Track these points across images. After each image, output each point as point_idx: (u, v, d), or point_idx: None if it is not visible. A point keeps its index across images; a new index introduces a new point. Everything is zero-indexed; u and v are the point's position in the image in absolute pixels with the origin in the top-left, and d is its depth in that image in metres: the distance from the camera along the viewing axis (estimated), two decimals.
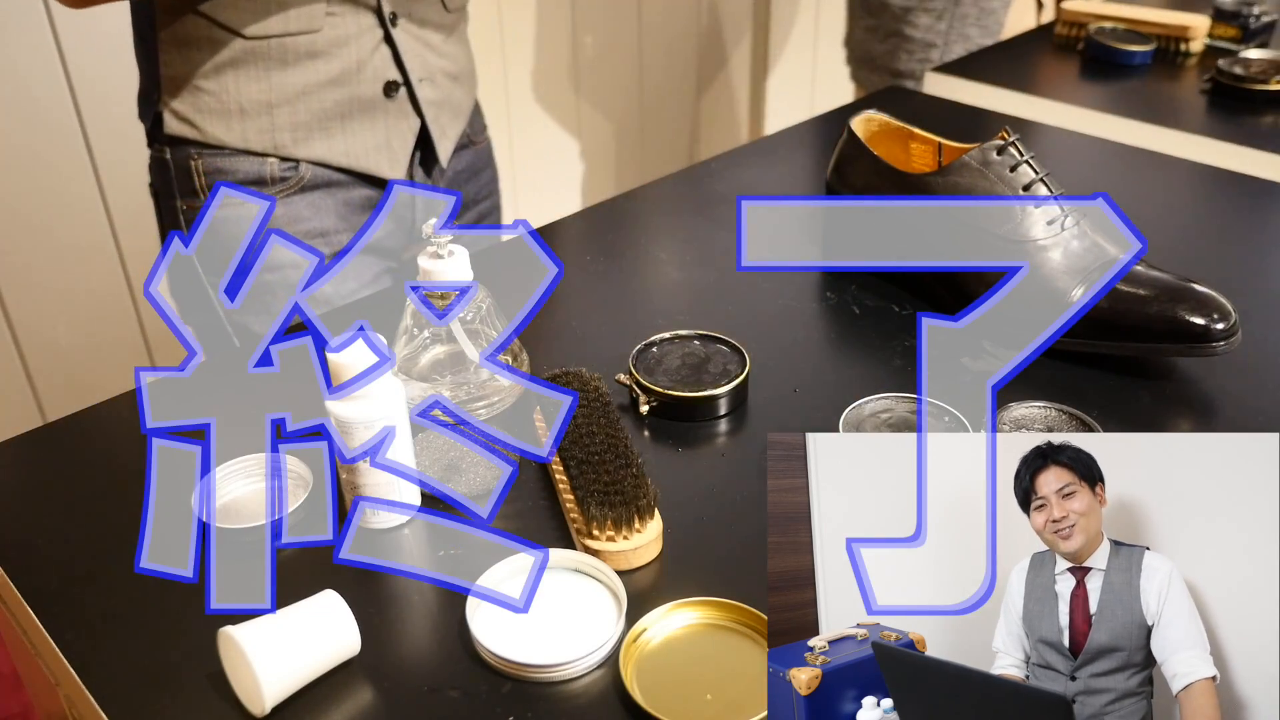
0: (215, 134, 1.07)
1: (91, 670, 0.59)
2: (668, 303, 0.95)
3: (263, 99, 1.06)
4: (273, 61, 1.05)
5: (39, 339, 1.67)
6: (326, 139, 1.09)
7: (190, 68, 1.05)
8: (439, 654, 0.60)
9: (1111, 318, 0.80)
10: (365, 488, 0.67)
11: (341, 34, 1.06)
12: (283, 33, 1.03)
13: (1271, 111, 1.32)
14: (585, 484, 0.66)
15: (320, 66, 1.06)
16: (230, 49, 1.04)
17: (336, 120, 1.09)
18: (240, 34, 1.03)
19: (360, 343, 0.65)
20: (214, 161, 1.08)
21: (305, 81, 1.06)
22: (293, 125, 1.08)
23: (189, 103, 1.07)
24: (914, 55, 1.75)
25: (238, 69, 1.05)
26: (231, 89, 1.06)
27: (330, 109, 1.08)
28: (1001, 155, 0.86)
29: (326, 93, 1.07)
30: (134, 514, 0.71)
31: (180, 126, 1.07)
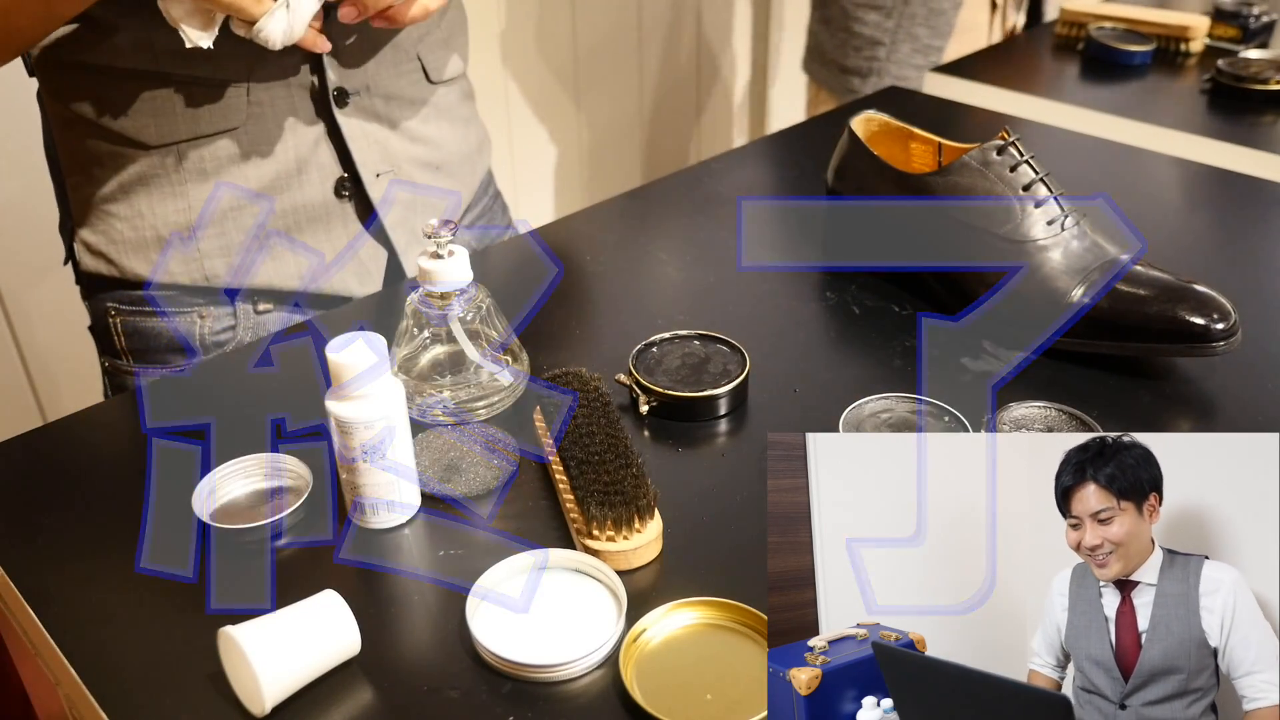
0: (133, 269, 0.88)
1: (91, 670, 0.59)
2: (668, 303, 0.95)
3: (182, 221, 0.86)
4: (188, 173, 0.85)
5: (39, 339, 1.67)
6: (272, 260, 0.89)
7: (97, 189, 0.86)
8: (439, 654, 0.60)
9: (1111, 318, 0.80)
10: (365, 488, 0.67)
11: (270, 127, 0.86)
12: (193, 135, 0.84)
13: (1271, 111, 1.32)
14: (585, 484, 0.66)
15: (248, 172, 0.86)
16: (135, 163, 0.85)
17: (280, 237, 0.89)
18: (142, 144, 0.84)
19: (360, 343, 0.65)
20: (133, 322, 0.89)
21: (232, 194, 0.86)
22: (224, 249, 0.87)
23: (101, 232, 0.87)
24: (861, 52, 1.73)
25: (148, 187, 0.85)
26: (145, 212, 0.86)
27: (269, 224, 0.88)
28: (1001, 155, 0.86)
29: (261, 204, 0.87)
30: (134, 514, 0.71)
31: (94, 262, 0.89)
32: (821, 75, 1.84)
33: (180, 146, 0.84)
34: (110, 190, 0.86)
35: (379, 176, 0.92)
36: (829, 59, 1.80)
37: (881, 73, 1.71)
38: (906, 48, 1.71)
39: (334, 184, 0.90)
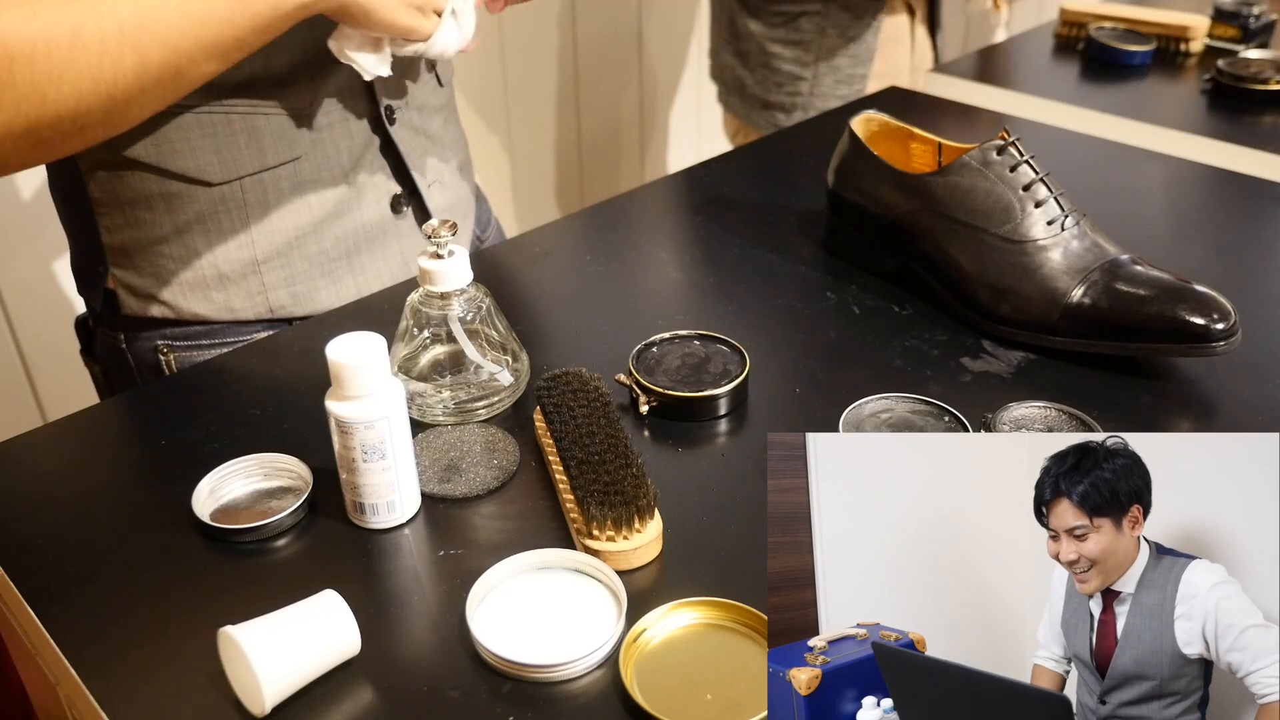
0: (191, 309, 0.85)
1: (91, 670, 0.59)
2: (668, 303, 0.95)
3: (245, 256, 0.85)
4: (251, 207, 0.83)
5: (39, 339, 1.67)
6: (333, 284, 0.89)
7: (144, 232, 0.83)
8: (439, 654, 0.60)
9: (1111, 318, 0.80)
10: (365, 488, 0.67)
11: (329, 152, 0.85)
12: (258, 169, 0.83)
13: (1271, 111, 1.32)
14: (585, 484, 0.66)
15: (311, 200, 0.86)
16: (194, 202, 0.82)
17: (342, 260, 0.89)
18: (204, 182, 0.82)
19: (360, 343, 0.65)
20: (189, 356, 0.87)
21: (296, 223, 0.86)
22: (288, 279, 0.87)
23: (150, 275, 0.84)
24: (783, 88, 1.69)
25: (206, 225, 0.83)
26: (203, 252, 0.83)
27: (331, 249, 0.88)
28: (1001, 155, 0.86)
29: (324, 230, 0.87)
30: (134, 514, 0.71)
31: (141, 305, 0.85)
32: (741, 110, 1.78)
33: (244, 181, 0.83)
34: (163, 231, 0.83)
35: (430, 186, 0.94)
36: (749, 94, 1.75)
37: (806, 106, 1.67)
38: (829, 79, 1.67)
39: (389, 201, 0.91)
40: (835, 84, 1.66)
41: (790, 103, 1.69)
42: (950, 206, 0.87)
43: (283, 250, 0.86)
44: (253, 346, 0.91)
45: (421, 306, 0.76)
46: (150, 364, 0.89)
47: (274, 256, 0.86)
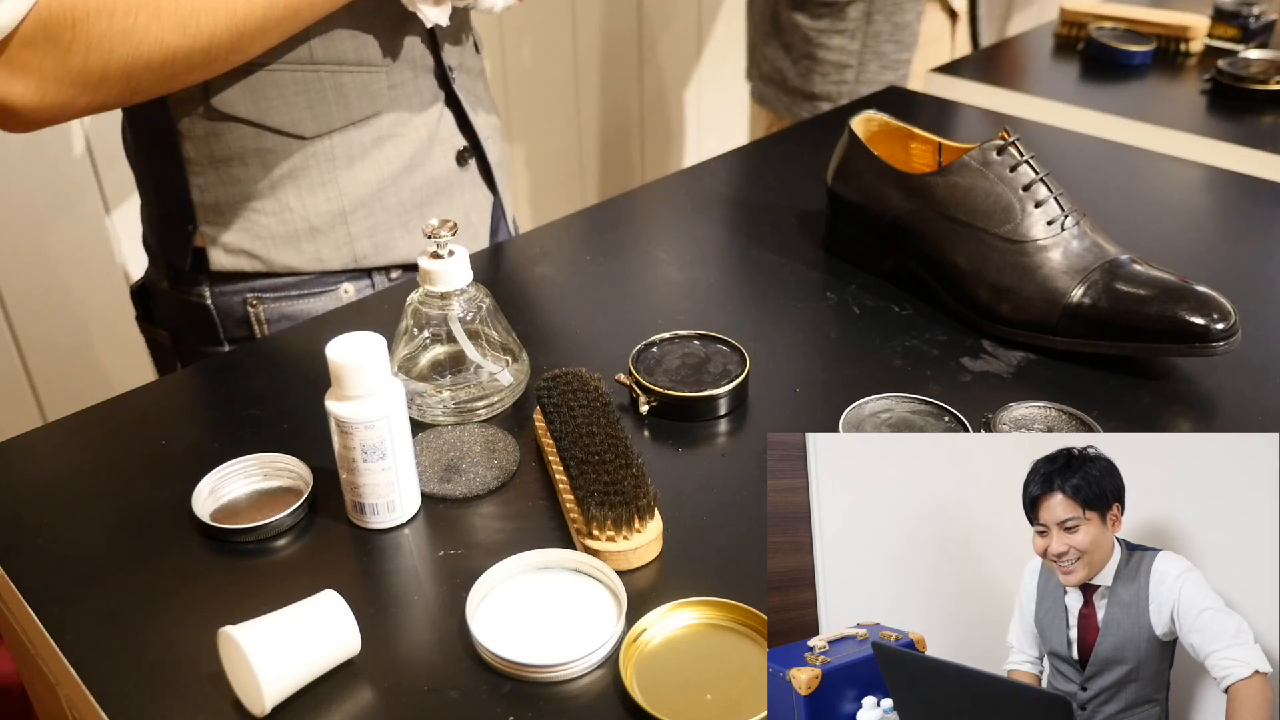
0: (283, 262, 0.91)
1: (91, 670, 0.59)
2: (668, 303, 0.95)
3: (333, 208, 0.91)
4: (338, 160, 0.89)
5: (39, 339, 1.67)
6: (408, 235, 0.95)
7: (238, 188, 0.89)
8: (439, 654, 0.60)
9: (1111, 318, 0.80)
10: (365, 488, 0.67)
11: (404, 108, 0.92)
12: (346, 123, 0.89)
13: (1271, 111, 1.32)
14: (585, 484, 0.66)
15: (390, 152, 0.92)
16: (287, 156, 0.88)
17: (415, 210, 0.95)
18: (299, 136, 0.88)
19: (360, 343, 0.65)
20: (278, 307, 0.92)
21: (378, 175, 0.92)
22: (371, 230, 0.93)
23: (243, 230, 0.89)
24: (828, 77, 1.69)
25: (299, 179, 0.89)
26: (295, 204, 0.89)
27: (407, 200, 0.94)
28: (1001, 155, 0.86)
29: (402, 182, 0.93)
30: (134, 514, 0.71)
31: (234, 260, 0.90)
32: (782, 104, 1.78)
33: (333, 136, 0.89)
34: (257, 186, 0.89)
35: (487, 140, 1.01)
36: (791, 87, 1.75)
37: (852, 94, 1.68)
38: (875, 65, 1.68)
39: (455, 154, 0.98)
40: (881, 70, 1.67)
41: (836, 91, 1.70)
42: (950, 206, 0.87)
43: (366, 201, 0.92)
44: (252, 346, 0.91)
45: (421, 306, 0.76)
46: (238, 317, 0.93)
47: (359, 207, 0.92)
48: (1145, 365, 0.82)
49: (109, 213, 1.67)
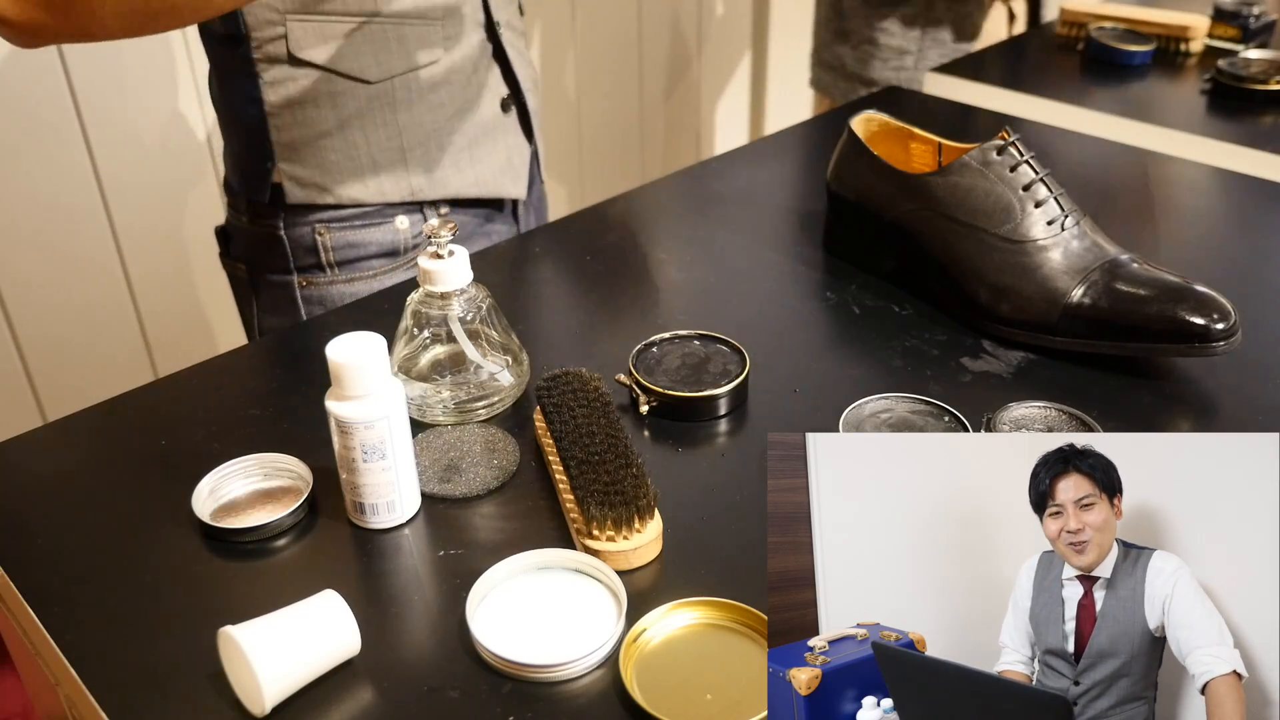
0: (349, 194, 1.02)
1: (91, 670, 0.59)
2: (668, 303, 0.95)
3: (394, 145, 1.01)
4: (399, 103, 1.00)
5: (39, 339, 1.67)
6: (458, 173, 1.05)
7: (311, 128, 0.99)
8: (439, 654, 0.60)
9: (1111, 318, 0.80)
10: (365, 488, 0.67)
11: (459, 57, 1.02)
12: (406, 69, 0.99)
13: (1271, 111, 1.32)
14: (585, 484, 0.66)
15: (443, 96, 1.02)
16: (354, 99, 0.99)
17: (465, 151, 1.05)
18: (365, 80, 0.98)
19: (360, 343, 0.65)
20: (343, 235, 1.03)
21: (433, 118, 1.02)
22: (426, 165, 1.03)
23: (314, 165, 1.00)
24: (888, 63, 1.70)
25: (364, 119, 1.00)
26: (360, 142, 1.00)
27: (458, 140, 1.04)
28: (1001, 155, 0.86)
29: (454, 123, 1.03)
30: (134, 514, 0.71)
31: (306, 193, 1.01)
32: (840, 89, 1.79)
33: (394, 81, 0.99)
34: (327, 126, 0.99)
35: (528, 91, 1.10)
36: (850, 72, 1.75)
37: (910, 82, 1.67)
38: (934, 54, 1.68)
39: (500, 102, 1.07)
40: (940, 59, 1.66)
41: (894, 79, 1.70)
42: (950, 206, 0.87)
43: (423, 140, 1.02)
44: (252, 347, 0.91)
45: (421, 306, 0.76)
46: (307, 245, 1.04)
47: (417, 146, 1.02)
48: (1145, 365, 0.82)
49: (110, 212, 1.67)
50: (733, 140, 2.66)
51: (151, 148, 1.68)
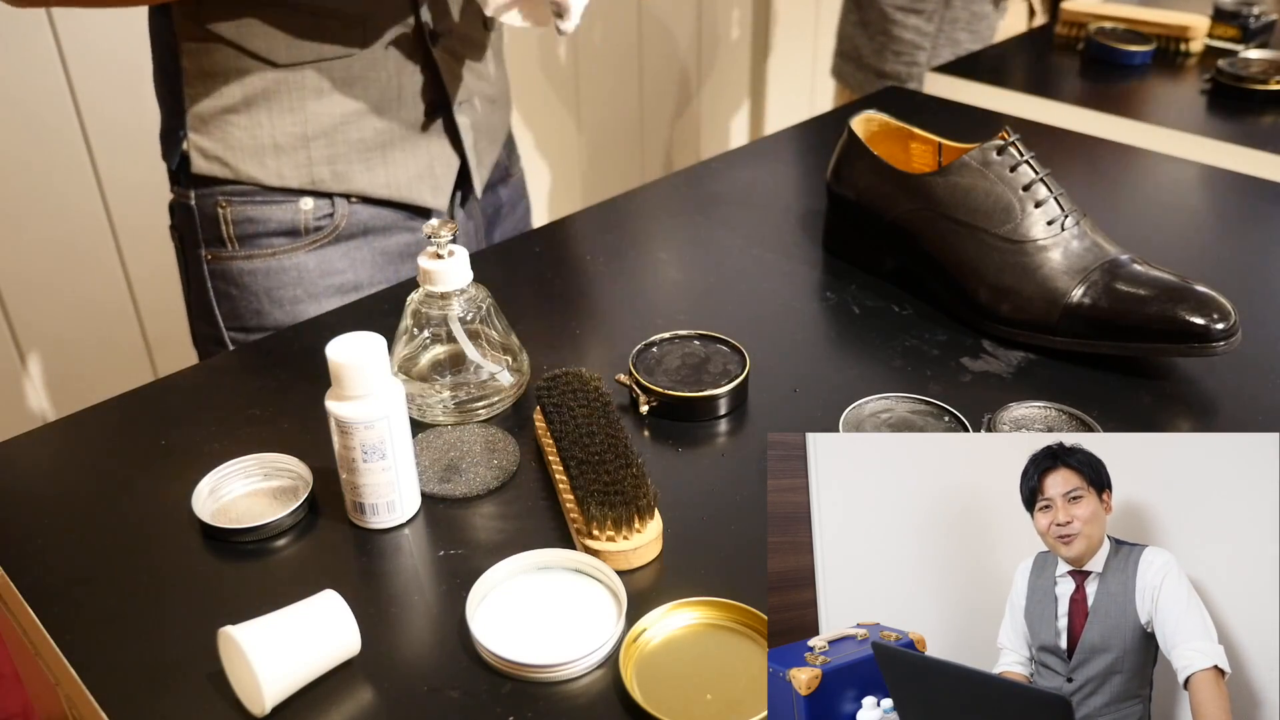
0: (248, 172, 1.00)
1: (91, 670, 0.59)
2: (668, 303, 0.95)
3: (298, 131, 0.99)
4: (307, 91, 0.98)
5: (39, 339, 1.67)
6: (367, 171, 1.03)
7: (219, 101, 0.98)
8: (439, 654, 0.60)
9: (1111, 318, 0.80)
10: (365, 488, 0.67)
11: (380, 57, 0.99)
12: (317, 59, 0.97)
13: (1271, 111, 1.32)
14: (585, 484, 0.66)
15: (358, 93, 1.00)
16: (261, 79, 0.97)
17: (377, 150, 1.02)
18: (272, 62, 0.96)
19: (360, 343, 0.65)
20: (243, 210, 1.01)
21: (343, 110, 0.99)
22: (330, 158, 1.01)
23: (219, 139, 0.99)
24: (900, 57, 1.71)
25: (270, 101, 0.98)
26: (264, 122, 0.99)
27: (370, 138, 1.01)
28: (1001, 155, 0.86)
29: (365, 121, 1.01)
30: (134, 514, 0.71)
31: (209, 165, 1.00)
32: (855, 79, 1.80)
33: (304, 68, 0.97)
34: (233, 102, 0.98)
35: (460, 105, 1.06)
36: (865, 63, 1.76)
37: (920, 78, 1.68)
38: (947, 52, 1.68)
39: (424, 109, 1.04)
40: (953, 56, 1.66)
41: (906, 73, 1.70)
42: (950, 206, 0.87)
43: (329, 131, 1.00)
44: (252, 346, 0.91)
45: (421, 306, 0.76)
46: (210, 216, 1.02)
47: (321, 135, 1.00)
48: (1145, 365, 0.82)
49: (109, 211, 1.67)
50: (733, 140, 2.66)
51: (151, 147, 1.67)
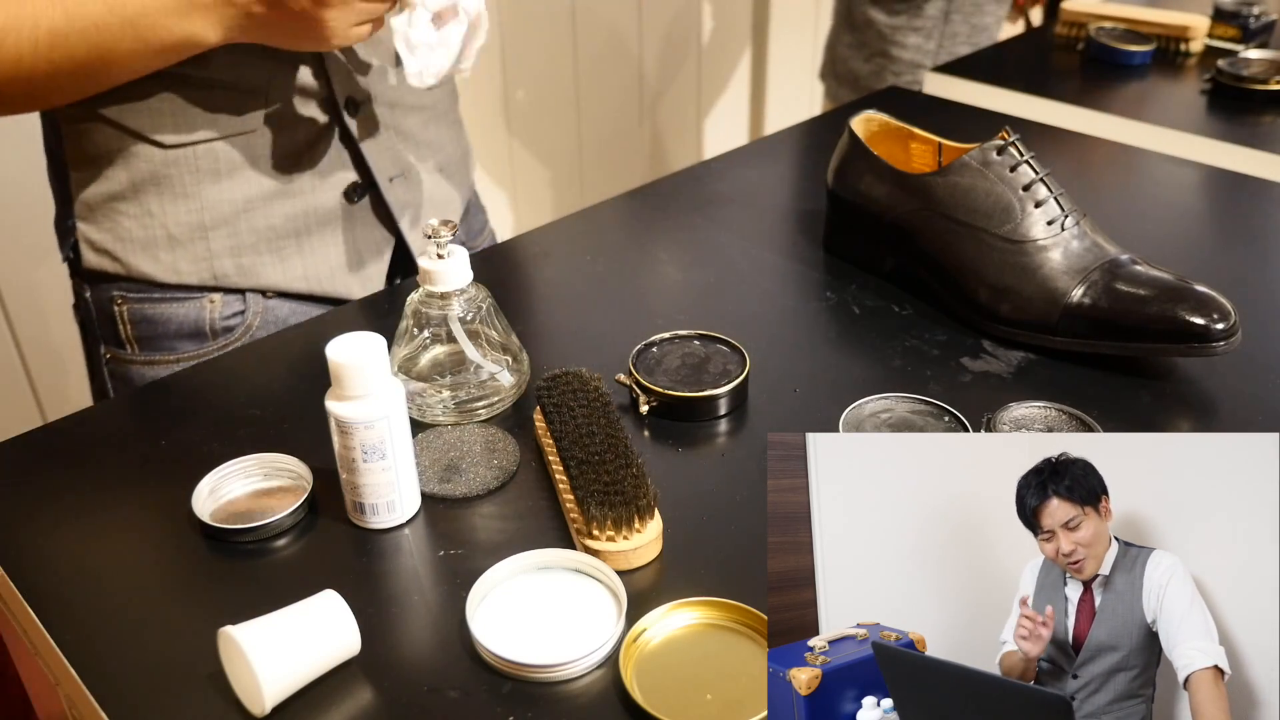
0: (140, 267, 0.88)
1: (91, 670, 0.59)
2: (668, 303, 0.95)
3: (193, 221, 0.87)
4: (202, 174, 0.86)
5: (39, 339, 1.67)
6: (280, 262, 0.91)
7: (105, 187, 0.86)
8: (439, 654, 0.60)
9: (1111, 318, 0.80)
10: (365, 488, 0.67)
11: (285, 132, 0.87)
12: (211, 137, 0.85)
13: (1271, 111, 1.32)
14: (585, 484, 0.66)
15: (263, 174, 0.87)
16: (148, 161, 0.85)
17: (290, 239, 0.90)
18: (157, 143, 0.84)
19: (360, 343, 0.65)
20: (140, 309, 0.89)
21: (246, 195, 0.87)
22: (235, 250, 0.88)
23: (107, 230, 0.88)
24: (901, 77, 1.68)
25: (160, 186, 0.86)
26: (155, 211, 0.86)
27: (280, 225, 0.89)
28: (1001, 155, 0.86)
29: (274, 206, 0.88)
30: (134, 514, 0.71)
31: (99, 259, 0.89)
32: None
33: (197, 148, 0.85)
34: (120, 188, 0.86)
35: (392, 180, 0.94)
36: (863, 85, 1.74)
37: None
38: None
39: (345, 189, 0.92)
40: None
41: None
42: (950, 206, 0.87)
43: (230, 219, 0.88)
44: (253, 346, 0.91)
45: (421, 306, 0.76)
46: (107, 314, 0.91)
47: (221, 225, 0.88)
48: (1145, 365, 0.82)
49: None
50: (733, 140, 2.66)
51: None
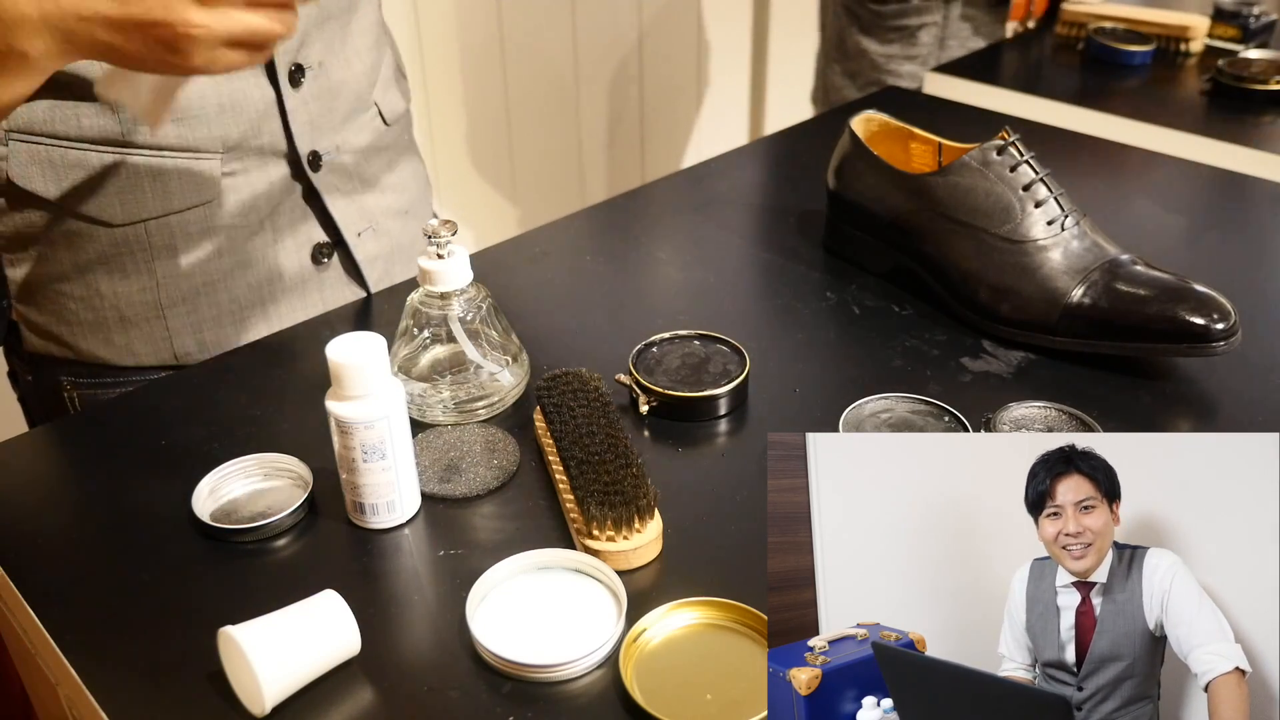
0: (90, 351, 0.81)
1: (91, 670, 0.59)
2: (668, 303, 0.95)
3: (148, 300, 0.80)
4: (156, 250, 0.79)
5: None
6: (245, 334, 0.85)
7: (45, 268, 0.79)
8: (439, 654, 0.60)
9: (1111, 318, 0.80)
10: (365, 488, 0.67)
11: (245, 198, 0.81)
12: (163, 212, 0.78)
13: (1271, 111, 1.32)
14: (585, 484, 0.66)
15: (221, 246, 0.80)
16: (95, 242, 0.78)
17: (255, 308, 0.84)
18: (104, 222, 0.77)
19: (360, 343, 0.65)
20: (94, 395, 0.83)
21: (204, 269, 0.81)
22: (195, 326, 0.82)
23: (51, 313, 0.80)
24: None
25: (109, 265, 0.78)
26: (105, 292, 0.79)
27: (244, 297, 0.83)
28: (1001, 155, 0.86)
29: (236, 278, 0.82)
30: (134, 514, 0.71)
31: (43, 343, 0.82)
32: None
33: (148, 224, 0.79)
34: (63, 269, 0.79)
35: (360, 235, 0.89)
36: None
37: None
38: None
39: (311, 250, 0.87)
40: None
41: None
42: (950, 206, 0.87)
43: (189, 296, 0.82)
44: (253, 346, 0.91)
45: (421, 306, 0.76)
46: (56, 399, 0.85)
47: (179, 302, 0.82)
48: (1145, 365, 0.82)
49: None
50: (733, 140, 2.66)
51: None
